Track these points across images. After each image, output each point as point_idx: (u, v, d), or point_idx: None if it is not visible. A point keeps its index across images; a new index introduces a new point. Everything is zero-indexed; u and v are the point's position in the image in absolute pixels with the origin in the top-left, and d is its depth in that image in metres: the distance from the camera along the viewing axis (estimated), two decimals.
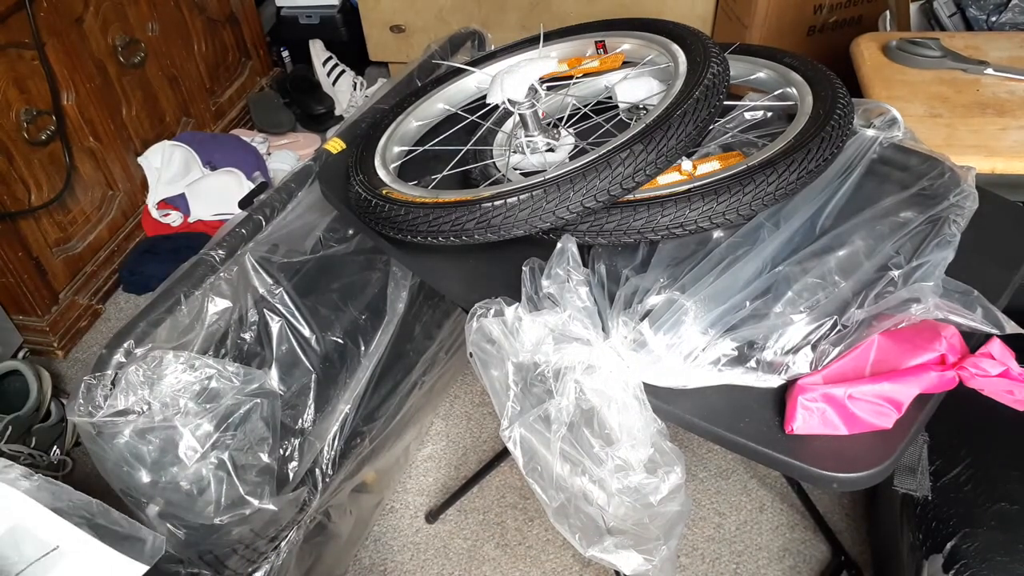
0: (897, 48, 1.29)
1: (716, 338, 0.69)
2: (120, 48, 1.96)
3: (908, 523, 1.10)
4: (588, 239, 0.81)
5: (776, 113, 0.96)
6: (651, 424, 0.70)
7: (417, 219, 0.84)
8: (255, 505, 0.98)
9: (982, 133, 1.14)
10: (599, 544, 0.75)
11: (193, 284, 1.00)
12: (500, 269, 0.82)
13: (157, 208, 2.10)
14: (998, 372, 0.66)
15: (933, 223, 0.77)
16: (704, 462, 1.57)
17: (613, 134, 0.88)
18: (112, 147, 1.97)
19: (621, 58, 1.03)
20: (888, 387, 0.67)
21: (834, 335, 0.70)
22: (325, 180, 1.07)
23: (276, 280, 1.08)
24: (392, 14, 2.40)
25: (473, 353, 0.75)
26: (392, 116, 1.06)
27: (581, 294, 0.72)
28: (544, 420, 0.72)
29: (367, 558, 1.48)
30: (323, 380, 1.13)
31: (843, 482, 0.66)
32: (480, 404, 1.72)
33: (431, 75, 1.27)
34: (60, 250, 1.87)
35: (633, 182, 0.78)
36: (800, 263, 0.74)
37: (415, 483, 1.59)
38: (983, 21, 1.43)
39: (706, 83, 0.83)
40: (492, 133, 1.03)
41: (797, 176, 0.77)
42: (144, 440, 0.91)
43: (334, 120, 2.47)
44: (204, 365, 0.93)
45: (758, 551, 1.43)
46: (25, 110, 1.70)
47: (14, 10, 1.64)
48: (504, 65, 1.02)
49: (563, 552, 1.45)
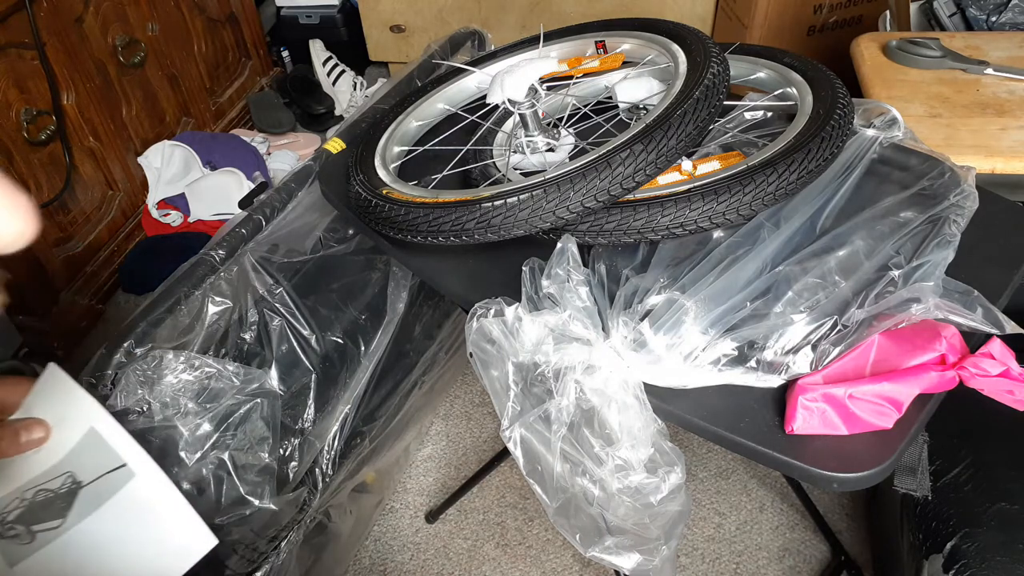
0: (897, 48, 1.29)
1: (716, 338, 0.69)
2: (120, 48, 1.96)
3: (908, 523, 1.10)
4: (588, 239, 0.81)
5: (776, 113, 0.96)
6: (651, 424, 0.70)
7: (417, 219, 0.83)
8: (255, 505, 0.98)
9: (982, 133, 1.14)
10: (599, 544, 0.75)
11: (193, 284, 1.00)
12: (500, 269, 0.82)
13: (157, 208, 2.10)
14: (998, 372, 0.66)
15: (933, 223, 0.77)
16: (704, 462, 1.57)
17: (613, 134, 0.88)
18: (112, 147, 1.97)
19: (621, 58, 1.03)
20: (888, 387, 0.66)
21: (834, 335, 0.69)
22: (325, 180, 1.07)
23: (276, 280, 1.08)
24: (392, 14, 2.40)
25: (473, 353, 0.75)
26: (392, 116, 1.06)
27: (581, 294, 0.72)
28: (544, 420, 0.72)
29: (367, 558, 1.48)
30: (323, 380, 1.13)
31: (843, 482, 0.66)
32: (480, 404, 1.72)
33: (431, 75, 1.27)
34: (60, 250, 1.87)
35: (633, 182, 0.78)
36: (800, 263, 0.74)
37: (415, 483, 1.59)
38: (983, 21, 1.43)
39: (706, 83, 0.83)
40: (492, 133, 1.02)
41: (797, 176, 0.77)
42: (144, 440, 0.91)
43: (334, 120, 2.47)
44: (204, 365, 0.93)
45: (758, 551, 1.43)
46: (25, 110, 1.70)
47: (14, 10, 1.64)
48: (504, 65, 1.02)
49: (563, 552, 1.45)
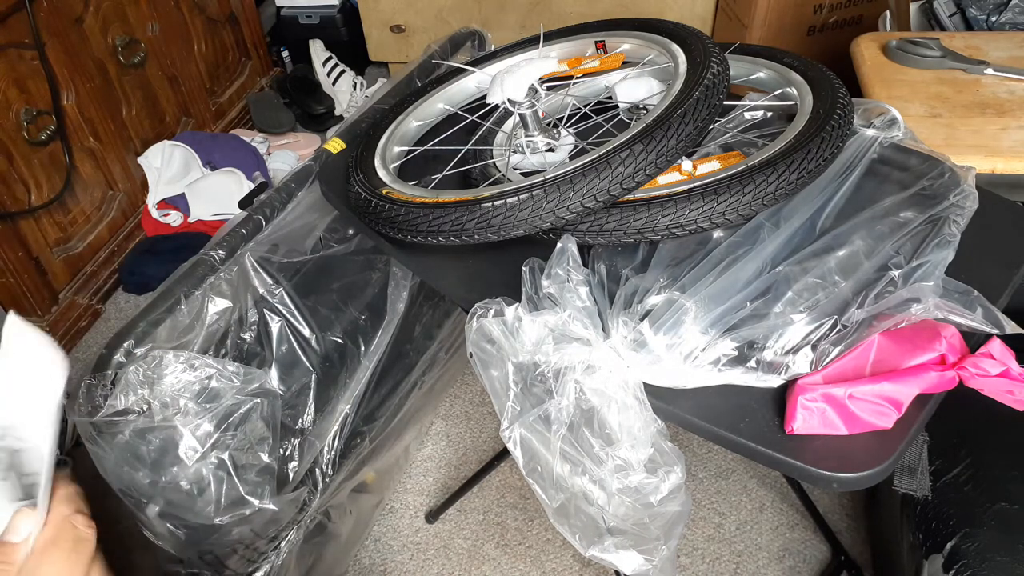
0: (897, 48, 1.29)
1: (716, 338, 0.69)
2: (120, 48, 1.96)
3: (908, 523, 1.10)
4: (588, 239, 0.81)
5: (776, 113, 0.96)
6: (651, 424, 0.70)
7: (417, 219, 0.83)
8: (255, 505, 0.98)
9: (982, 133, 1.14)
10: (599, 544, 0.75)
11: (193, 284, 1.00)
12: (500, 269, 0.82)
13: (157, 208, 2.10)
14: (998, 372, 0.66)
15: (933, 223, 0.77)
16: (704, 462, 1.57)
17: (613, 134, 0.88)
18: (112, 147, 1.97)
19: (621, 58, 1.03)
20: (888, 387, 0.66)
21: (834, 335, 0.69)
22: (325, 180, 1.07)
23: (276, 280, 1.08)
24: (392, 14, 2.40)
25: (473, 353, 0.75)
26: (392, 116, 1.06)
27: (581, 294, 0.72)
28: (544, 420, 0.72)
29: (367, 558, 1.48)
30: (323, 380, 1.13)
31: (843, 482, 0.66)
32: (480, 404, 1.72)
33: (431, 75, 1.27)
34: (60, 250, 1.87)
35: (633, 182, 0.78)
36: (800, 263, 0.74)
37: (415, 483, 1.59)
38: (983, 21, 1.43)
39: (706, 83, 0.83)
40: (492, 133, 1.02)
41: (797, 176, 0.77)
42: (144, 440, 0.91)
43: (334, 120, 2.47)
44: (204, 365, 0.93)
45: (758, 551, 1.43)
46: (25, 110, 1.70)
47: (14, 10, 1.64)
48: (504, 65, 1.02)
49: (563, 552, 1.45)
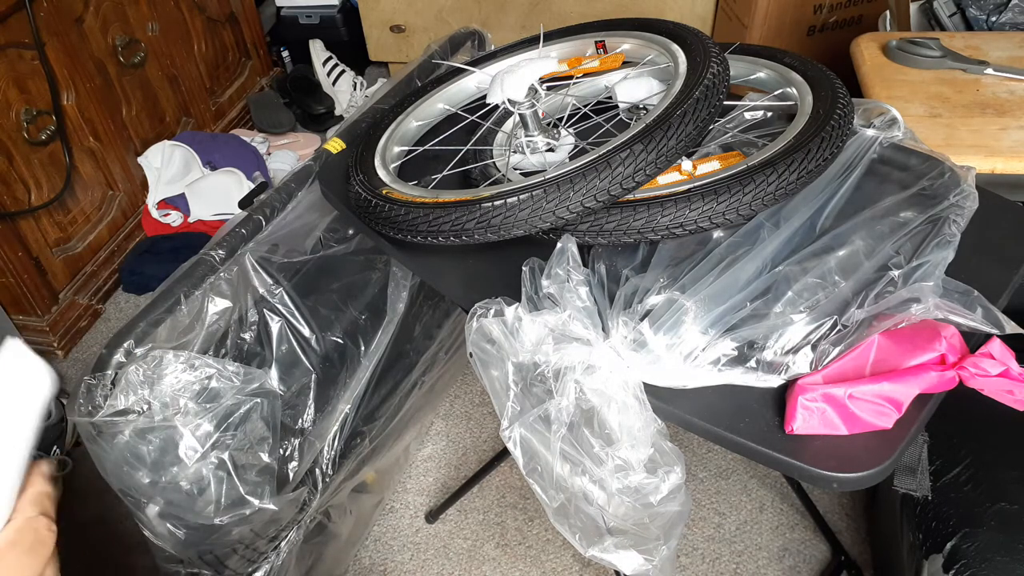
0: (897, 48, 1.29)
1: (716, 338, 0.69)
2: (120, 48, 1.96)
3: (908, 523, 1.10)
4: (588, 239, 0.81)
5: (776, 113, 0.96)
6: (651, 424, 0.70)
7: (417, 219, 0.83)
8: (255, 505, 0.98)
9: (982, 133, 1.14)
10: (599, 544, 0.75)
11: (193, 284, 1.00)
12: (500, 269, 0.82)
13: (157, 208, 2.10)
14: (998, 372, 0.66)
15: (933, 223, 0.77)
16: (704, 462, 1.57)
17: (613, 134, 0.88)
18: (112, 147, 1.97)
19: (621, 58, 1.03)
20: (888, 387, 0.66)
21: (834, 335, 0.69)
22: (325, 180, 1.07)
23: (276, 280, 1.08)
24: (392, 14, 2.40)
25: (473, 353, 0.75)
26: (392, 116, 1.06)
27: (581, 294, 0.72)
28: (544, 420, 0.72)
29: (367, 558, 1.48)
30: (323, 380, 1.13)
31: (843, 482, 0.66)
32: (480, 404, 1.72)
33: (431, 75, 1.26)
34: (60, 250, 1.87)
35: (633, 182, 0.78)
36: (800, 263, 0.74)
37: (415, 483, 1.59)
38: (983, 21, 1.43)
39: (706, 83, 0.83)
40: (492, 133, 1.02)
41: (797, 176, 0.77)
42: (144, 440, 0.91)
43: (334, 120, 2.47)
44: (204, 365, 0.93)
45: (758, 551, 1.43)
46: (25, 110, 1.70)
47: (14, 10, 1.64)
48: (504, 65, 1.02)
49: (563, 552, 1.45)
